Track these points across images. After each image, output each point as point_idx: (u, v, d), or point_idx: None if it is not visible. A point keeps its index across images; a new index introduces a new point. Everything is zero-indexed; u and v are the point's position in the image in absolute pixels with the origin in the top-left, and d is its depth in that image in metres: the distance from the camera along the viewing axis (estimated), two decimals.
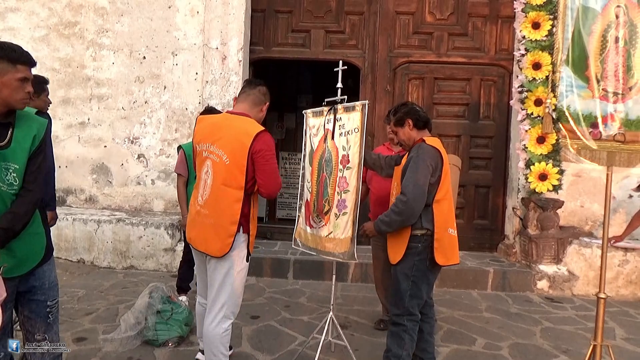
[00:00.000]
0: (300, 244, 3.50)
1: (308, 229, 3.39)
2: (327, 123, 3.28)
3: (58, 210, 5.03)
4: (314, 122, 3.48)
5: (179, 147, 4.12)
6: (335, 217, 3.13)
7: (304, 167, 3.54)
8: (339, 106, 3.21)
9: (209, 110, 3.97)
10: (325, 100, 3.41)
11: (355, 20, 5.95)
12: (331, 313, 3.24)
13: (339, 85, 3.30)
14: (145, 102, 5.73)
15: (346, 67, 3.51)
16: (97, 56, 5.75)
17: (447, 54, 5.87)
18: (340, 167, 3.13)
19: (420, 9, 5.89)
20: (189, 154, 3.88)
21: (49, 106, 3.64)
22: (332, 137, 3.23)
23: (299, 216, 3.56)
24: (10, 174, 1.94)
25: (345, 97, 3.28)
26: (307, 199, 3.46)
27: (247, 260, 2.67)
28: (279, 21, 5.98)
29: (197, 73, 5.65)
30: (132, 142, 5.75)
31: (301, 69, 8.35)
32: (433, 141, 2.76)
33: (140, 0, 5.68)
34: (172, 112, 5.72)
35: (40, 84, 3.45)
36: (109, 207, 5.82)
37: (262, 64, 6.28)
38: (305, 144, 3.56)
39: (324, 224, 3.22)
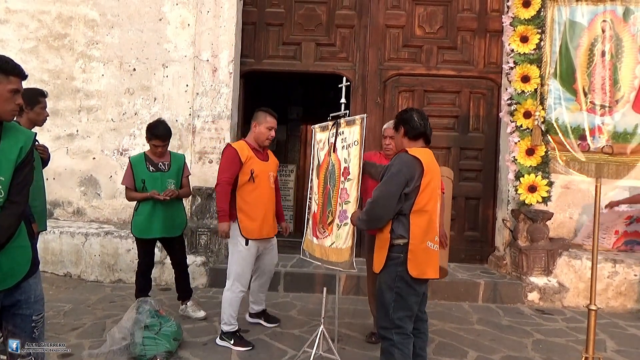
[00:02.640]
0: (307, 255, 3.60)
1: (315, 240, 3.50)
2: (332, 137, 3.39)
3: None
4: (321, 137, 3.64)
5: (129, 159, 4.12)
6: (337, 227, 3.21)
7: (311, 180, 3.67)
8: (342, 120, 3.30)
9: (161, 123, 4.03)
10: (330, 115, 3.52)
11: (345, 34, 5.99)
12: (322, 326, 3.21)
13: (343, 100, 3.44)
14: (135, 114, 5.70)
15: (349, 83, 3.64)
16: (86, 68, 5.73)
17: (437, 67, 5.92)
18: (342, 178, 3.21)
19: (409, 23, 5.95)
20: (135, 166, 3.99)
21: (45, 119, 3.48)
22: (334, 151, 3.35)
23: (307, 228, 3.67)
24: None
25: (348, 111, 3.39)
26: (314, 211, 3.56)
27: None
28: (269, 34, 6.01)
29: (187, 85, 5.64)
30: (121, 153, 5.70)
31: (292, 81, 8.38)
32: (418, 152, 2.68)
33: (130, 12, 5.68)
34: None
35: (35, 96, 3.35)
36: (97, 219, 5.75)
37: (253, 76, 6.29)
38: (312, 158, 3.71)
39: (327, 234, 3.32)
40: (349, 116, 3.36)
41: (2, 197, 1.93)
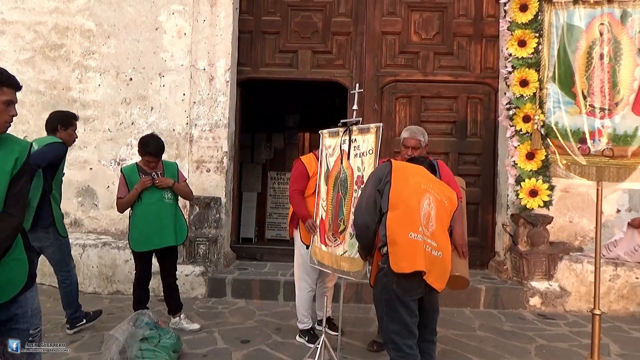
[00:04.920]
0: (316, 262, 3.58)
1: (323, 247, 3.47)
2: (343, 144, 3.32)
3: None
4: (330, 143, 3.59)
5: (121, 170, 4.06)
6: (350, 236, 3.18)
7: (318, 186, 3.64)
8: (354, 128, 3.27)
9: (153, 138, 4.01)
10: (341, 121, 3.51)
11: (342, 41, 6.00)
12: (323, 336, 3.17)
13: (355, 107, 3.40)
14: (132, 124, 5.68)
15: (362, 90, 3.66)
16: (83, 78, 5.71)
17: (434, 73, 5.93)
18: (355, 187, 3.21)
19: (405, 29, 5.96)
20: (128, 177, 3.93)
21: (74, 140, 3.97)
22: (348, 158, 3.32)
23: (314, 235, 3.64)
24: None
25: (360, 119, 3.38)
26: (322, 217, 3.54)
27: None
28: (266, 42, 6.01)
29: (184, 94, 5.62)
30: (118, 163, 5.66)
31: (289, 89, 8.38)
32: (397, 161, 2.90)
33: (127, 22, 5.68)
34: (159, 133, 5.62)
35: (69, 118, 3.88)
36: (95, 230, 5.71)
37: (250, 84, 6.28)
38: (321, 164, 3.67)
39: (339, 242, 3.30)
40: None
41: None
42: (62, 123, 3.84)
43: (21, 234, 2.03)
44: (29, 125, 5.70)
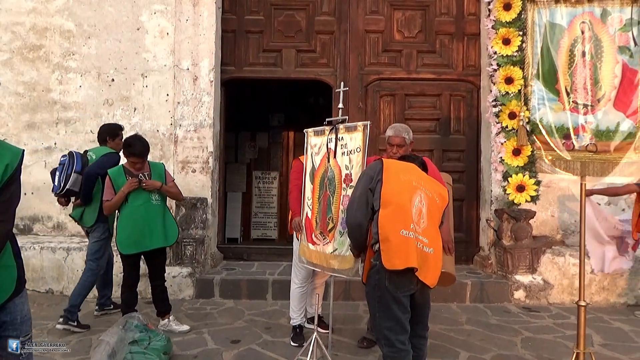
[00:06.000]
0: (305, 261, 3.58)
1: (310, 245, 3.47)
2: (330, 142, 3.34)
3: (24, 239, 4.87)
4: (316, 141, 3.59)
5: (107, 172, 4.00)
6: (340, 234, 3.19)
7: (304, 184, 3.64)
8: (341, 126, 3.28)
9: (138, 139, 3.99)
10: (326, 120, 3.52)
11: (325, 40, 6.01)
12: (315, 333, 3.19)
13: (340, 105, 3.42)
14: None
15: (347, 88, 3.66)
16: (63, 79, 5.62)
17: (417, 71, 5.99)
18: (344, 185, 3.21)
19: (388, 28, 6.01)
20: (115, 179, 3.90)
21: (121, 148, 4.18)
22: (334, 156, 3.31)
23: (301, 234, 3.64)
24: None
25: (347, 117, 3.40)
26: (307, 215, 3.53)
27: None
28: (249, 41, 6.00)
29: (168, 94, 5.57)
30: None
31: (272, 88, 8.36)
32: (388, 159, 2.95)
33: (107, 22, 5.60)
34: (143, 134, 5.52)
35: (116, 130, 4.45)
36: (79, 233, 5.60)
37: (233, 83, 6.26)
38: (306, 162, 3.65)
39: (328, 241, 3.29)
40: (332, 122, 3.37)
41: None
42: (110, 134, 4.40)
43: (10, 240, 2.00)
44: (7, 128, 5.60)
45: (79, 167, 4.15)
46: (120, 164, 4.14)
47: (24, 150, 2.05)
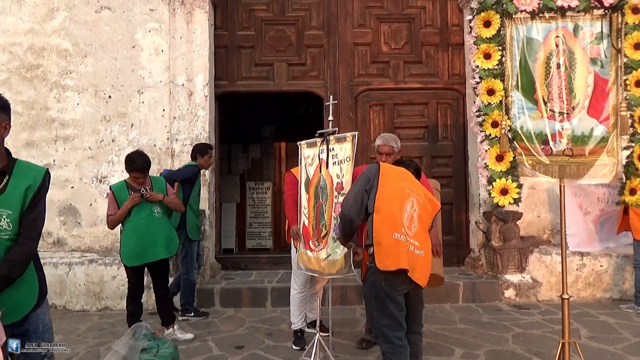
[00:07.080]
0: (303, 268, 3.72)
1: (308, 252, 3.61)
2: (321, 153, 3.51)
3: None
4: (309, 153, 3.75)
5: (110, 188, 4.18)
6: (333, 240, 3.35)
7: (300, 195, 3.79)
8: (331, 137, 3.45)
9: (139, 155, 4.13)
10: (318, 132, 3.68)
11: (315, 53, 6.22)
12: (317, 335, 3.34)
13: (330, 117, 3.58)
14: (113, 141, 5.74)
15: (336, 101, 3.93)
16: (61, 97, 5.74)
17: (404, 81, 6.21)
18: (336, 193, 3.37)
19: (376, 40, 6.23)
20: (117, 194, 4.03)
21: (209, 166, 5.07)
22: (327, 167, 3.48)
23: (300, 242, 3.78)
24: (4, 219, 2.00)
25: (337, 129, 3.56)
26: (304, 224, 3.68)
27: None
28: (242, 56, 6.18)
29: (164, 110, 5.72)
30: (100, 181, 5.72)
31: (264, 100, 8.55)
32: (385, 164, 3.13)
33: (103, 41, 5.75)
34: (140, 149, 5.73)
35: (205, 148, 4.93)
36: (79, 248, 5.72)
37: (227, 97, 6.42)
38: (300, 173, 3.82)
39: (322, 247, 3.44)
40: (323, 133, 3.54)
41: (12, 230, 2.01)
42: (200, 152, 4.90)
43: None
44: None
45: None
46: (192, 172, 4.76)
47: (47, 169, 2.17)
